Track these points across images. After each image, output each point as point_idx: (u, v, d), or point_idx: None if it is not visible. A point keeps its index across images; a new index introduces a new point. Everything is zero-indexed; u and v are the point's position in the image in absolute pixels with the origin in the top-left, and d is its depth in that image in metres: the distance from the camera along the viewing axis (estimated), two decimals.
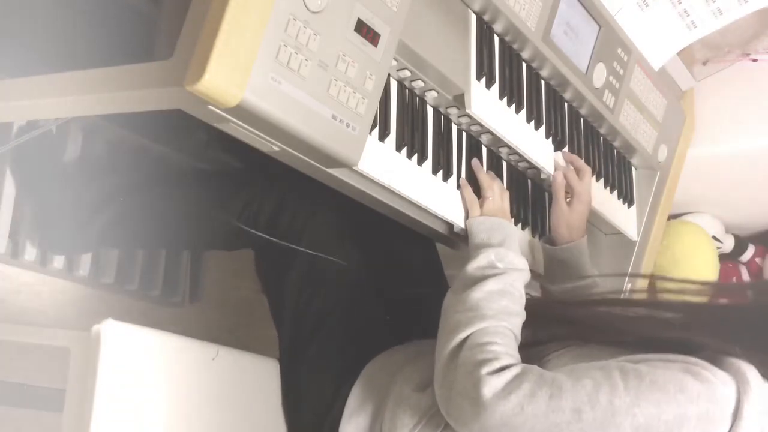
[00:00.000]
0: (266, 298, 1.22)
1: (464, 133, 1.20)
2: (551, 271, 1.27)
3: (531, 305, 1.01)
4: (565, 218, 1.26)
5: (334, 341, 1.13)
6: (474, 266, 1.01)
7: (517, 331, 0.95)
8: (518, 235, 1.12)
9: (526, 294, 1.02)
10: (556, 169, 1.29)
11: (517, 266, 1.03)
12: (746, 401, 0.79)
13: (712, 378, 0.80)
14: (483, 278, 0.98)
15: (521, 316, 0.97)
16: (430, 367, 1.02)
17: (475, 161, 1.18)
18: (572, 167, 1.30)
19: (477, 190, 1.15)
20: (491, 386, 0.82)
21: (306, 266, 1.15)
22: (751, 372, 0.82)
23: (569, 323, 0.99)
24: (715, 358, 0.84)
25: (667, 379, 0.80)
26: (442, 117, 1.15)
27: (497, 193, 1.14)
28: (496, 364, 0.85)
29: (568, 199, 1.29)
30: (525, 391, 0.81)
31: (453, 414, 0.88)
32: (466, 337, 0.91)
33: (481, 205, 1.12)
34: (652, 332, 0.91)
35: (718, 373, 0.81)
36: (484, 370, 0.85)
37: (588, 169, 1.30)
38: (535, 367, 0.86)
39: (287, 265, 1.16)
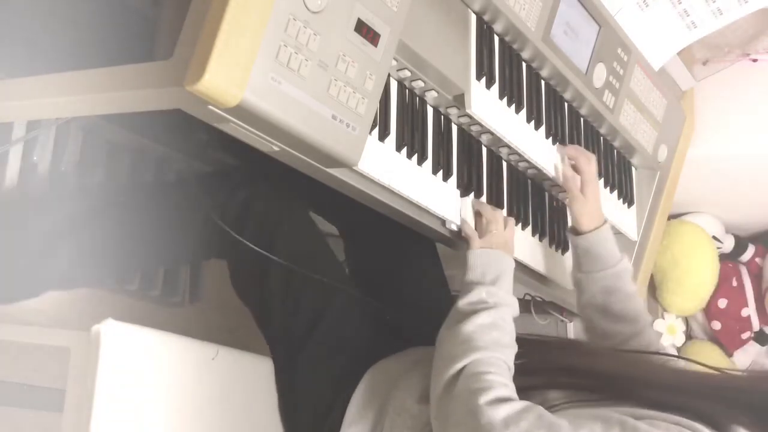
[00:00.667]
0: (249, 309, 1.18)
1: (464, 133, 1.20)
2: (578, 258, 1.26)
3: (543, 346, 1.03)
4: (586, 208, 1.25)
5: (330, 347, 1.12)
6: (465, 302, 1.03)
7: (510, 363, 0.96)
8: (512, 271, 1.12)
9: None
10: (561, 162, 1.29)
11: (507, 302, 1.04)
12: None
13: None
14: (473, 312, 1.00)
15: (513, 348, 0.99)
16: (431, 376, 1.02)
17: (474, 200, 1.18)
18: (584, 155, 1.29)
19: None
20: (488, 417, 0.83)
21: (285, 272, 1.13)
22: None
23: (576, 373, 0.98)
24: (720, 426, 0.83)
25: None
26: (442, 117, 1.15)
27: (500, 225, 1.14)
28: (492, 394, 0.86)
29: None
30: (522, 428, 0.81)
31: None
32: (462, 368, 0.92)
33: (482, 236, 1.12)
34: (668, 396, 0.89)
35: None
36: (481, 399, 0.85)
37: (592, 155, 1.30)
38: (536, 406, 0.85)
39: (264, 271, 1.14)
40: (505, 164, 1.28)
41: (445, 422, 0.90)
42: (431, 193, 1.10)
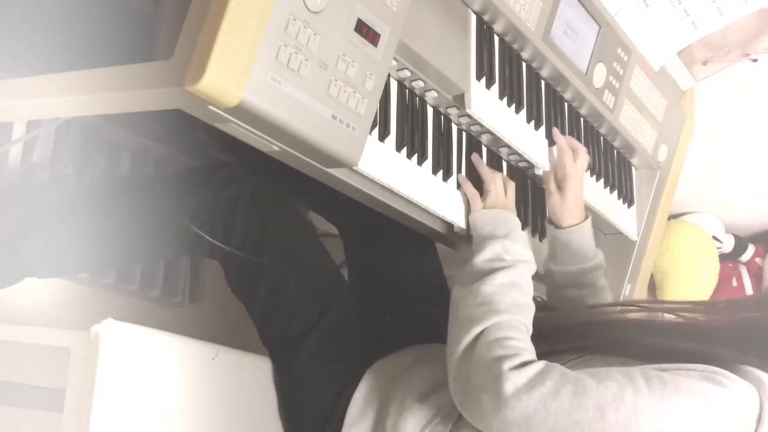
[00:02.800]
0: (245, 309, 1.17)
1: (464, 133, 1.20)
2: (554, 251, 1.26)
3: (548, 319, 1.01)
4: (563, 204, 1.23)
5: (327, 350, 1.12)
6: (482, 258, 1.01)
7: (530, 324, 0.95)
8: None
9: (539, 297, 1.02)
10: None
11: (524, 258, 1.03)
12: None
13: (732, 385, 0.81)
14: (492, 271, 0.98)
15: (532, 308, 0.97)
16: (432, 374, 1.02)
17: (475, 155, 1.18)
18: (569, 150, 1.27)
19: (478, 185, 1.15)
20: (513, 382, 0.82)
21: (278, 272, 1.11)
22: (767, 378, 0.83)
23: (589, 337, 0.99)
24: (733, 367, 0.85)
25: (690, 385, 0.80)
26: (442, 117, 1.15)
27: (500, 185, 1.14)
28: (517, 360, 0.85)
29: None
30: (548, 388, 0.81)
31: (470, 408, 0.87)
32: (482, 331, 0.91)
33: (484, 199, 1.12)
34: (671, 344, 0.91)
35: (738, 380, 0.82)
36: (506, 365, 0.84)
37: (583, 152, 1.27)
38: (558, 365, 0.85)
39: (256, 271, 1.12)
40: (505, 164, 1.28)
41: (465, 384, 0.88)
42: (431, 193, 1.10)
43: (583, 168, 1.27)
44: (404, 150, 1.06)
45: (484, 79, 1.13)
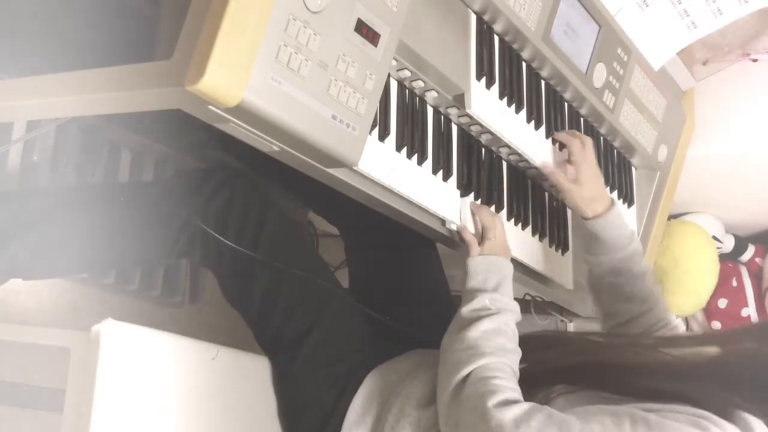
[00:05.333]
0: (242, 316, 1.17)
1: (464, 133, 1.20)
2: (587, 242, 1.25)
3: (545, 341, 1.04)
4: (582, 196, 1.21)
5: (325, 353, 1.11)
6: (468, 309, 1.03)
7: (516, 367, 0.97)
8: (512, 275, 1.11)
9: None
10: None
11: (510, 308, 1.05)
12: None
13: None
14: (477, 319, 1.00)
15: (517, 353, 1.00)
16: (431, 381, 1.02)
17: (473, 203, 1.16)
18: (576, 138, 1.25)
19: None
20: (498, 419, 0.83)
21: (272, 275, 1.11)
22: (758, 425, 0.83)
23: (580, 369, 0.99)
24: (724, 411, 0.84)
25: (676, 430, 0.80)
26: (442, 117, 1.15)
27: (500, 231, 1.13)
28: (500, 397, 0.87)
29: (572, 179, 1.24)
30: (533, 428, 0.82)
31: None
32: (468, 374, 0.93)
33: (482, 245, 1.11)
34: (662, 384, 0.90)
35: (727, 426, 0.81)
36: (490, 402, 0.86)
37: (587, 138, 1.26)
38: (544, 407, 0.86)
39: (250, 276, 1.12)
40: (505, 164, 1.28)
41: (455, 427, 0.90)
42: (431, 193, 1.10)
43: (592, 154, 1.25)
44: (404, 150, 1.06)
45: (484, 79, 1.13)
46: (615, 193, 1.48)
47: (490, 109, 1.15)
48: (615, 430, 0.80)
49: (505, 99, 1.18)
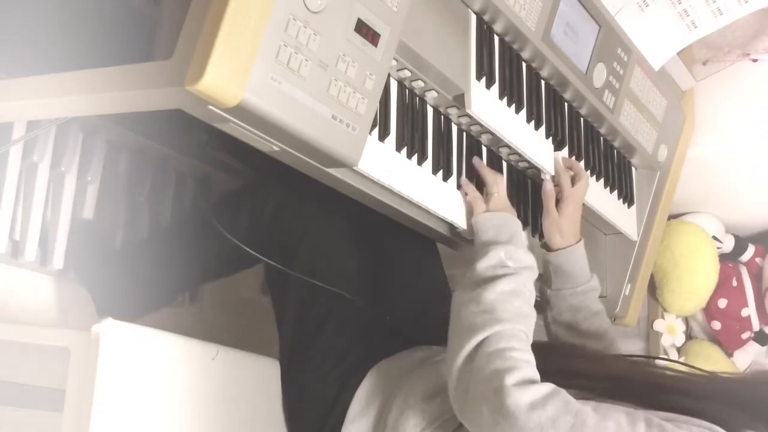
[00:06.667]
0: (271, 301, 1.23)
1: (464, 133, 1.20)
2: (547, 275, 1.26)
3: (558, 353, 1.02)
4: (556, 224, 1.23)
5: (336, 345, 1.13)
6: (484, 265, 1.00)
7: (530, 333, 0.95)
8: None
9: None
10: (553, 174, 1.28)
11: (528, 264, 1.02)
12: None
13: None
14: (494, 278, 0.97)
15: (533, 317, 0.97)
16: (435, 376, 1.02)
17: (476, 158, 1.18)
18: (570, 172, 1.27)
19: (479, 186, 1.15)
20: (515, 398, 0.82)
21: (303, 283, 1.17)
22: None
23: (600, 380, 0.96)
24: (733, 430, 0.83)
25: None
26: (442, 117, 1.15)
27: (503, 187, 1.14)
28: (518, 375, 0.85)
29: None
30: (548, 414, 0.80)
31: (468, 417, 0.88)
32: (483, 341, 0.91)
33: (487, 202, 1.12)
34: (681, 401, 0.89)
35: None
36: (507, 380, 0.84)
37: (584, 176, 1.28)
38: (562, 391, 0.85)
39: (285, 278, 1.19)
40: (505, 164, 1.28)
41: (464, 393, 0.88)
42: (431, 193, 1.10)
43: (582, 192, 1.27)
44: (404, 150, 1.06)
45: (484, 79, 1.13)
46: (615, 193, 1.48)
47: (490, 109, 1.15)
48: (630, 429, 0.79)
49: (505, 99, 1.18)
